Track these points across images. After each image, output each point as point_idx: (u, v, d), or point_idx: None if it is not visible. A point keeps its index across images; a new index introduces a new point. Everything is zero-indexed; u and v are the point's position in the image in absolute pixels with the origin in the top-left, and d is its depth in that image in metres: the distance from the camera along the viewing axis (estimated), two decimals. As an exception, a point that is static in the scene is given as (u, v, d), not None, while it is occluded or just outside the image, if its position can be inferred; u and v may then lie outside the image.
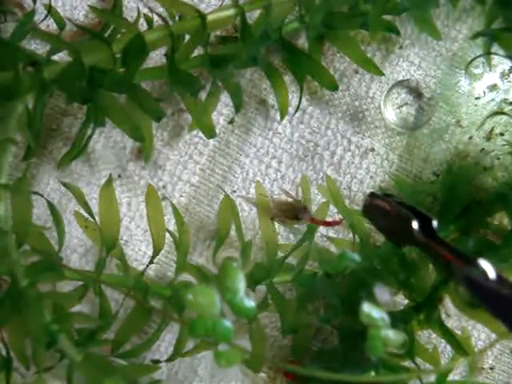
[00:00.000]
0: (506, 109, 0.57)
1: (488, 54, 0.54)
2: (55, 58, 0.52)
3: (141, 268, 0.56)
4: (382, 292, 0.39)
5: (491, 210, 0.51)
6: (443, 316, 0.53)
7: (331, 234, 0.59)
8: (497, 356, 0.59)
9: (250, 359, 0.51)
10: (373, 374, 0.49)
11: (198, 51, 0.54)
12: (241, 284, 0.38)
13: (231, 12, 0.49)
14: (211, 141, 0.59)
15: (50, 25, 0.58)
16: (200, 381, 0.59)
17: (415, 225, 0.45)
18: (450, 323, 0.57)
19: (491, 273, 0.41)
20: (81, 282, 0.51)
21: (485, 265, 0.41)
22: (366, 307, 0.38)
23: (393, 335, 0.39)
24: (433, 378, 0.53)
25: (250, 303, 0.38)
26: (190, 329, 0.37)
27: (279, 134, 0.60)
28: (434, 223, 0.45)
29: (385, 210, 0.47)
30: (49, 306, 0.44)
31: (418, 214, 0.45)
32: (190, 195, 0.60)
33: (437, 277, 0.51)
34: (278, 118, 0.58)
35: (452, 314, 0.57)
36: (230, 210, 0.53)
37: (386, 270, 0.50)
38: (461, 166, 0.57)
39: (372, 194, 0.49)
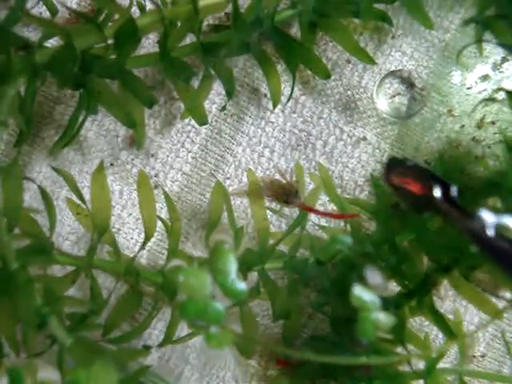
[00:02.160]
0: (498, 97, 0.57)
1: (479, 41, 0.54)
2: (47, 45, 0.52)
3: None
4: (373, 275, 0.39)
5: (483, 196, 0.51)
6: (436, 300, 0.54)
7: (323, 222, 0.59)
8: (488, 342, 0.60)
9: (241, 344, 0.51)
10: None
11: (190, 40, 0.55)
12: (232, 266, 0.38)
13: (223, -3, 0.49)
14: (203, 129, 0.59)
15: (43, 12, 0.58)
16: (192, 369, 0.59)
17: (437, 192, 0.45)
18: (444, 307, 0.58)
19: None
20: (73, 268, 0.51)
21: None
22: (357, 290, 0.38)
23: (384, 318, 0.39)
24: (423, 365, 0.53)
25: (242, 285, 0.38)
26: (181, 310, 0.37)
27: (272, 123, 0.60)
28: (453, 190, 0.45)
29: (405, 176, 0.47)
30: (40, 290, 0.44)
31: (437, 180, 0.45)
32: (182, 184, 0.60)
33: (432, 264, 0.51)
34: (271, 107, 0.59)
35: (446, 296, 0.58)
36: (222, 196, 0.53)
37: (377, 256, 0.50)
38: (452, 155, 0.57)
39: (392, 159, 0.49)
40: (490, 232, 0.43)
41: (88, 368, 0.37)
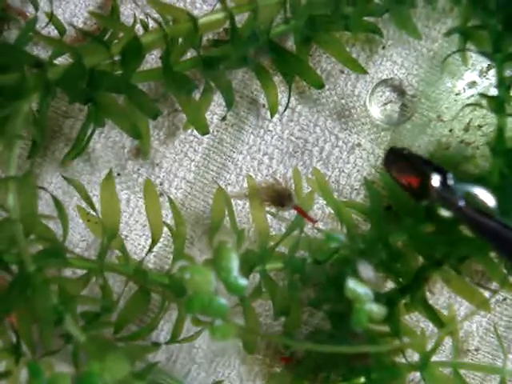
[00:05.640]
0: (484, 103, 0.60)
1: (463, 50, 0.57)
2: (56, 62, 0.55)
3: (140, 261, 0.58)
4: (365, 269, 0.42)
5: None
6: (430, 296, 0.56)
7: (320, 225, 0.62)
8: (482, 336, 0.62)
9: (244, 339, 0.54)
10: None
11: (192, 54, 0.58)
12: (234, 263, 0.41)
13: (221, 15, 0.53)
14: (205, 139, 0.63)
15: (51, 32, 0.61)
16: (198, 368, 0.62)
17: (434, 180, 0.48)
18: (440, 303, 0.61)
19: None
20: (84, 271, 0.54)
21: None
22: (351, 283, 0.41)
23: (376, 308, 0.41)
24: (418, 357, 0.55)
25: (243, 281, 0.41)
26: (187, 305, 0.40)
27: (270, 131, 0.63)
28: (450, 177, 0.48)
29: (404, 165, 0.49)
30: (55, 291, 0.47)
31: (435, 169, 0.48)
32: (186, 191, 0.63)
33: (425, 260, 0.54)
34: (269, 116, 0.62)
35: (440, 292, 0.60)
36: (223, 200, 0.56)
37: (371, 255, 0.53)
38: (442, 155, 0.60)
39: (392, 149, 0.51)
40: (487, 217, 0.46)
41: (102, 361, 0.40)
